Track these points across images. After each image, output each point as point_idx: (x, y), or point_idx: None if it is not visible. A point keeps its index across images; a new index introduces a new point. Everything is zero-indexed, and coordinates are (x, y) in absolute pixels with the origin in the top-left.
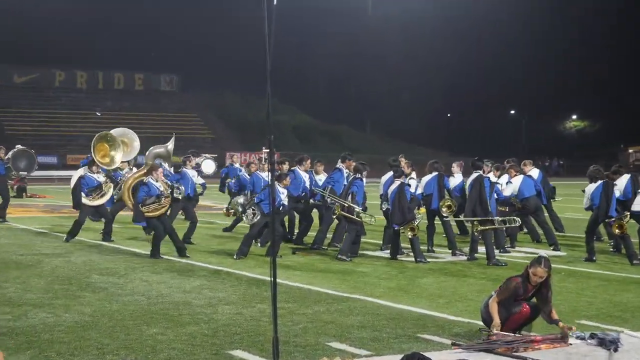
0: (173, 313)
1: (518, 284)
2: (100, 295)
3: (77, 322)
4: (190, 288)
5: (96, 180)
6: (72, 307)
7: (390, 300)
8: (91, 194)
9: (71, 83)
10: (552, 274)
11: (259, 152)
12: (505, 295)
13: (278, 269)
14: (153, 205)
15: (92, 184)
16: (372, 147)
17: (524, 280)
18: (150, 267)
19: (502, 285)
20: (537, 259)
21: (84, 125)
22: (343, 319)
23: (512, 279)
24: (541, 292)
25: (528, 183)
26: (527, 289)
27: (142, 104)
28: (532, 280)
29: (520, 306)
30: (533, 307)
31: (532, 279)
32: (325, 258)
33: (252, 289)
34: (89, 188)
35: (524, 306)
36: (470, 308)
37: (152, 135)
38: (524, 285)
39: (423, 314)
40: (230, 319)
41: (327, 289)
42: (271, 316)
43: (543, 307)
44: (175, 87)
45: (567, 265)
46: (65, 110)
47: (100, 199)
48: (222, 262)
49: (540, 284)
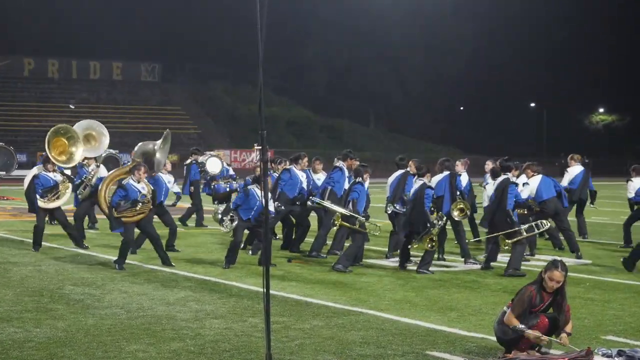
0: (155, 328)
1: (533, 293)
2: (75, 308)
3: (50, 337)
4: (174, 300)
5: (52, 179)
6: (44, 322)
7: (396, 313)
8: (46, 195)
9: (42, 72)
10: (567, 280)
11: (249, 149)
12: (520, 308)
13: (272, 279)
14: (127, 211)
15: (47, 184)
16: (376, 143)
17: (539, 288)
18: (129, 277)
19: (515, 297)
20: (553, 262)
21: (55, 119)
22: (344, 334)
23: (526, 289)
24: (557, 301)
25: (547, 183)
26: (543, 298)
27: (120, 96)
28: (549, 287)
29: (537, 319)
30: (552, 319)
31: (548, 285)
32: (324, 267)
33: (242, 302)
34: (43, 189)
35: (541, 319)
36: (484, 322)
37: (131, 131)
38: (540, 293)
39: (432, 329)
40: (218, 335)
41: (326, 301)
42: (264, 331)
43: (559, 318)
44: (157, 77)
45: (592, 275)
46: (35, 103)
47: (56, 201)
48: (209, 271)
49: (556, 292)
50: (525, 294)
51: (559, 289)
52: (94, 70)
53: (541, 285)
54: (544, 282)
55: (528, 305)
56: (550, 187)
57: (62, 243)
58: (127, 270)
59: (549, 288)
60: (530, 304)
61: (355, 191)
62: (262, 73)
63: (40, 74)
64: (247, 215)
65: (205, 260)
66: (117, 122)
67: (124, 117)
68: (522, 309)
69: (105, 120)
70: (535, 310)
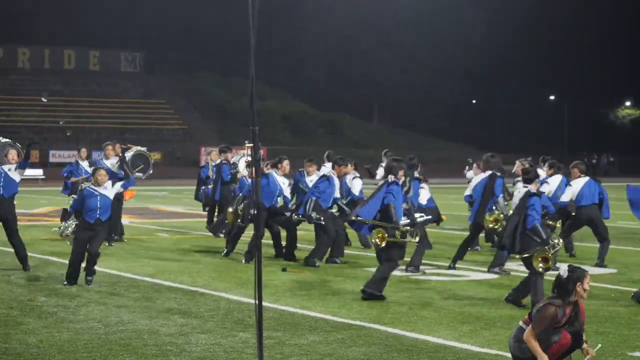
0: (136, 344)
1: (556, 310)
2: (48, 322)
3: (20, 354)
4: (157, 313)
5: None
6: (14, 337)
7: (401, 327)
8: None
9: (11, 62)
10: None
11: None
12: (542, 326)
13: (264, 290)
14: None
15: None
16: (380, 140)
17: (562, 303)
18: (108, 287)
19: (534, 314)
20: (578, 270)
21: (26, 113)
22: (344, 350)
23: (548, 306)
24: (576, 312)
25: (592, 187)
26: (565, 311)
27: (97, 88)
28: (581, 297)
29: (559, 335)
30: (575, 334)
31: (581, 295)
32: (321, 276)
33: (232, 314)
34: None
35: (564, 335)
36: (498, 337)
37: (109, 126)
38: (563, 308)
39: (441, 344)
40: (206, 351)
41: (324, 314)
42: (256, 348)
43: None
44: (139, 68)
45: (618, 286)
46: (4, 96)
47: None
48: (195, 281)
49: (574, 304)
50: (548, 312)
51: (577, 301)
52: (68, 59)
53: (565, 298)
54: (572, 295)
55: (550, 324)
56: (594, 194)
57: (36, 251)
58: (104, 280)
59: (580, 297)
60: (553, 322)
61: (391, 193)
62: (255, 63)
63: (9, 64)
64: (270, 203)
65: (191, 269)
66: (94, 116)
67: (102, 112)
68: (543, 327)
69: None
70: (557, 326)
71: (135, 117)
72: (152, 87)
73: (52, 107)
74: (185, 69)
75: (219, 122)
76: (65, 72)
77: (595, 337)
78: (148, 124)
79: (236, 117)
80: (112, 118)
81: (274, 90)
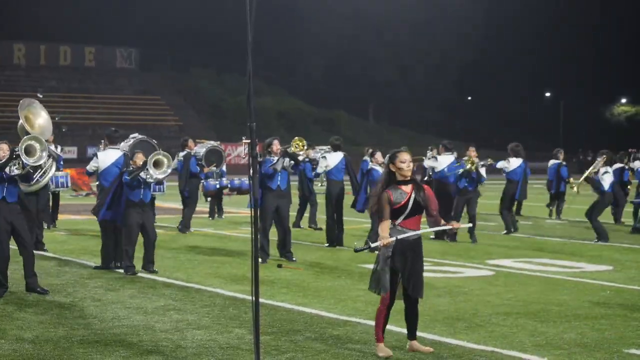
0: (132, 339)
1: (388, 193)
2: (44, 318)
3: (15, 350)
4: (152, 309)
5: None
6: (9, 332)
7: (397, 324)
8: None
9: (7, 58)
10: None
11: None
12: (384, 210)
13: (260, 286)
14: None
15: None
16: (375, 137)
17: (393, 186)
18: (104, 282)
19: (372, 207)
20: (393, 151)
21: None
22: (339, 347)
23: (380, 194)
24: (422, 198)
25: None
26: (403, 192)
27: (93, 84)
28: (404, 172)
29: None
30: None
31: (403, 171)
32: (317, 272)
33: (228, 311)
34: None
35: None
36: (494, 334)
37: (105, 122)
38: (395, 190)
39: (437, 341)
40: (201, 347)
41: (321, 311)
42: (252, 344)
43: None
44: (134, 64)
45: (614, 283)
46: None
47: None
48: (191, 277)
49: (418, 186)
50: (383, 197)
51: (420, 186)
52: (64, 55)
53: (392, 179)
54: (396, 175)
55: (389, 204)
56: None
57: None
58: (100, 275)
59: (405, 173)
60: (390, 202)
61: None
62: (251, 60)
63: (4, 60)
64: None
65: (186, 264)
66: (89, 113)
67: (97, 108)
68: (386, 211)
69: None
70: (400, 206)
71: (130, 114)
72: (147, 83)
73: (48, 103)
74: (181, 65)
75: (215, 119)
76: (61, 69)
77: (592, 333)
78: (143, 120)
79: (232, 114)
80: (107, 114)
81: (270, 88)
